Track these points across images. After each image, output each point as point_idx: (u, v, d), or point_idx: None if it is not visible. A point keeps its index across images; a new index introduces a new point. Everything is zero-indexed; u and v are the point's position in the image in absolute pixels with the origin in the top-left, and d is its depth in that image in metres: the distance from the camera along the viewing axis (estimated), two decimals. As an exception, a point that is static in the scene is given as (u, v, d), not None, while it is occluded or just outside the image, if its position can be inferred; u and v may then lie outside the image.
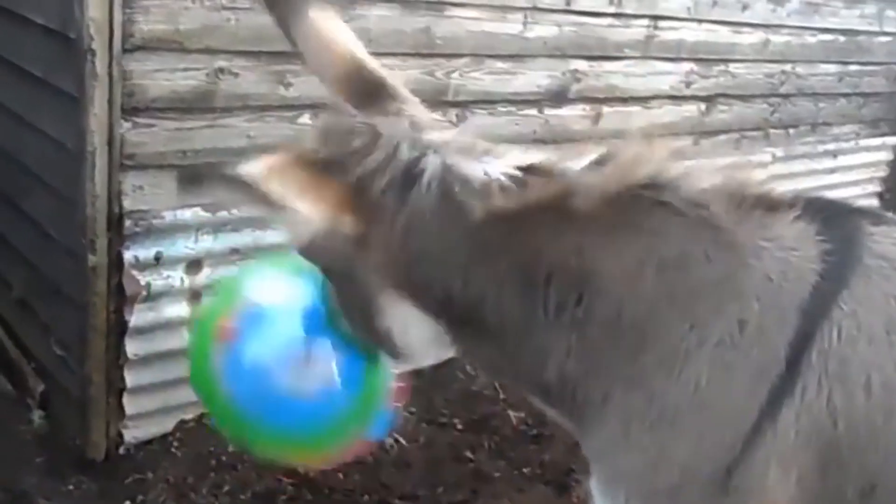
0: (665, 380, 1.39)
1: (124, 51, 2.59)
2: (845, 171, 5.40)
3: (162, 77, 2.69)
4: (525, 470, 3.17)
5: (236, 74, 2.83)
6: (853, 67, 5.16)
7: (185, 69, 2.73)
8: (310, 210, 1.40)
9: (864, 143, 5.48)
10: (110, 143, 2.64)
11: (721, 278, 1.39)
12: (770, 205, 1.44)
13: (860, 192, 5.50)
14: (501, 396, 3.50)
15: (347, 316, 1.60)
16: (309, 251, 1.53)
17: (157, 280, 2.84)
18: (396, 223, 1.43)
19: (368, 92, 1.56)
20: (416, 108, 1.57)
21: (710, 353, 1.37)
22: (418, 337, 1.56)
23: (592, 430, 1.49)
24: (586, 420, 1.50)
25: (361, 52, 1.62)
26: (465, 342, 1.55)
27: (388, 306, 1.51)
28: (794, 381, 1.34)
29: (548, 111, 3.74)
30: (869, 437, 1.34)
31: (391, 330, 1.54)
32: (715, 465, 1.38)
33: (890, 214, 1.54)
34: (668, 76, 4.18)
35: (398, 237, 1.44)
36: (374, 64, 1.61)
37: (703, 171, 1.46)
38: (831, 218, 1.43)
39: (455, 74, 3.37)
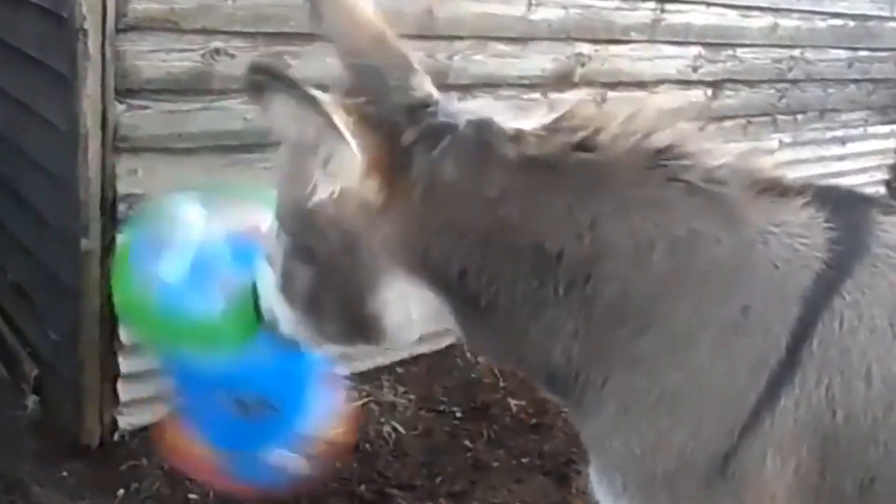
0: (667, 363, 1.38)
1: (117, 31, 2.54)
2: (854, 159, 5.35)
3: (156, 58, 2.64)
4: (524, 460, 3.14)
5: (233, 56, 2.77)
6: (863, 53, 5.10)
7: (181, 50, 2.68)
8: (356, 152, 1.35)
9: (872, 130, 5.43)
10: (103, 125, 2.59)
11: (728, 262, 1.37)
12: (781, 190, 1.43)
13: (868, 179, 5.46)
14: (501, 384, 3.46)
15: (313, 304, 1.55)
16: (320, 217, 1.45)
17: (151, 265, 2.80)
18: (423, 184, 1.40)
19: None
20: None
21: (712, 337, 1.36)
22: (416, 318, 1.53)
23: (592, 414, 1.48)
24: (586, 404, 1.48)
25: (385, 27, 1.61)
26: (471, 323, 1.52)
27: (386, 288, 1.48)
28: (793, 370, 1.33)
29: (552, 95, 3.68)
30: (869, 429, 1.32)
31: (380, 314, 1.50)
32: (712, 451, 1.36)
33: (901, 203, 1.51)
34: (675, 60, 4.12)
35: (422, 201, 1.41)
36: (397, 39, 1.60)
37: (718, 148, 1.45)
38: (841, 206, 1.42)
39: (457, 57, 3.30)
